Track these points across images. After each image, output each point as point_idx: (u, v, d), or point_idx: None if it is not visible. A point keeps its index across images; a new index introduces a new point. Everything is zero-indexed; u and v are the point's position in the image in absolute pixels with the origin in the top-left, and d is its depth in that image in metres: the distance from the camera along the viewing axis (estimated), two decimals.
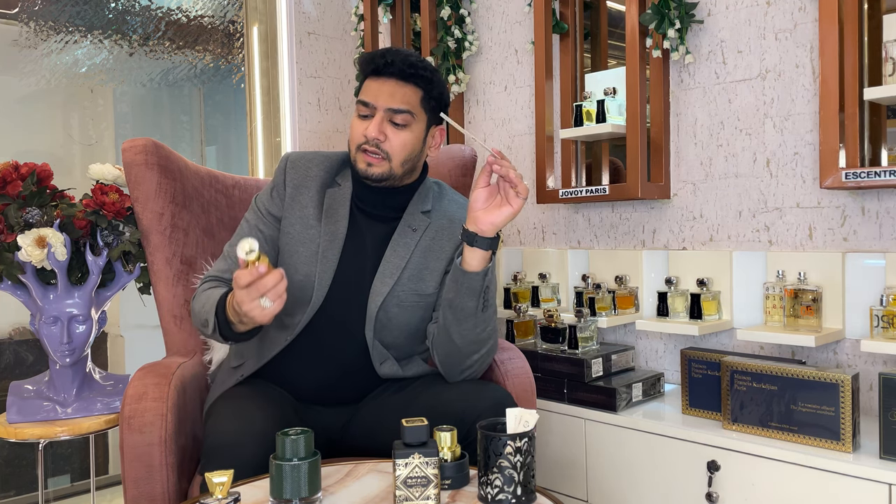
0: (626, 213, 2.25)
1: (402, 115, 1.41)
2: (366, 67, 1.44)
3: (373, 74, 1.43)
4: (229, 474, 1.03)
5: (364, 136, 1.41)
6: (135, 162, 1.69)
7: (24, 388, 1.77)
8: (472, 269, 1.35)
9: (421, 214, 1.50)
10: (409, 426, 1.09)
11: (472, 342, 1.41)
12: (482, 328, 1.40)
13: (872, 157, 1.78)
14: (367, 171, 1.43)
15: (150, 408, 1.37)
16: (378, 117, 1.41)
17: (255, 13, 2.88)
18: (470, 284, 1.35)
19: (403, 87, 1.42)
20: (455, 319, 1.39)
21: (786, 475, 1.55)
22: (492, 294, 1.40)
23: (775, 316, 1.84)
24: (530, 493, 1.10)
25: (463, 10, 2.59)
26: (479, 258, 1.34)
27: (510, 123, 2.54)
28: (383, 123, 1.41)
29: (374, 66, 1.42)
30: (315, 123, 2.91)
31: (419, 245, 1.48)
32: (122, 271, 1.76)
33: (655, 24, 2.00)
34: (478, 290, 1.36)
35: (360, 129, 1.42)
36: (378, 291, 1.44)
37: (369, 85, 1.43)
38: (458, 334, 1.39)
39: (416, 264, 1.47)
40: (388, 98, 1.41)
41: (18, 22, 2.44)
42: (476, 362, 1.44)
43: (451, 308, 1.39)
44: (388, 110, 1.41)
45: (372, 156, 1.42)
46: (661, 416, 1.83)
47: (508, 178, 1.29)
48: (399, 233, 1.48)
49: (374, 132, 1.40)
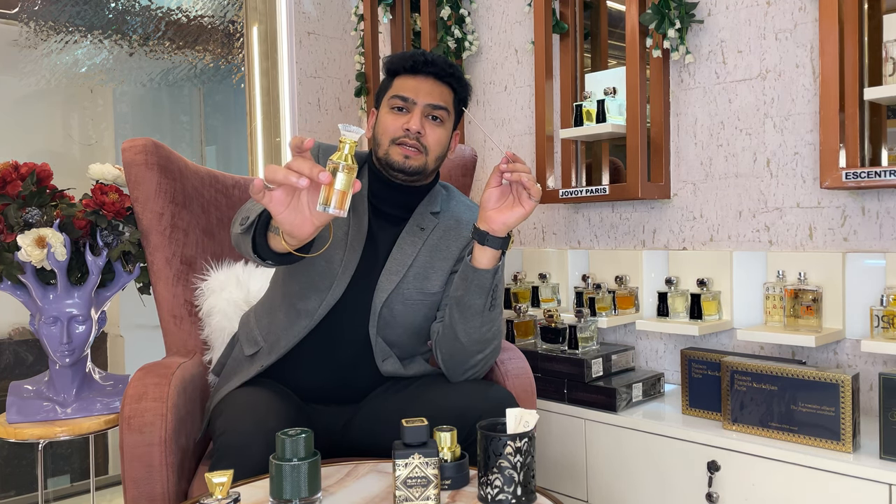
0: (626, 213, 2.25)
1: (441, 111, 1.44)
2: (402, 64, 1.45)
3: (409, 72, 1.45)
4: (229, 474, 1.03)
5: (405, 129, 1.42)
6: (135, 162, 1.69)
7: (24, 388, 1.77)
8: (483, 267, 1.35)
9: (430, 215, 1.52)
10: (409, 426, 1.09)
11: (478, 341, 1.41)
12: (488, 327, 1.40)
13: (872, 157, 1.78)
14: (404, 163, 1.42)
15: (150, 408, 1.37)
16: (417, 112, 1.42)
17: (255, 13, 2.88)
18: (480, 282, 1.36)
19: (441, 86, 1.45)
20: (462, 317, 1.39)
21: (786, 475, 1.55)
22: (499, 293, 1.40)
23: (775, 316, 1.84)
24: (530, 493, 1.10)
25: (463, 10, 2.58)
26: (490, 257, 1.35)
27: (510, 123, 2.54)
28: (423, 118, 1.43)
29: (413, 62, 1.44)
30: (315, 123, 2.91)
31: (426, 244, 1.49)
32: (122, 271, 1.76)
33: (655, 23, 2.00)
34: (487, 288, 1.36)
35: (398, 122, 1.43)
36: (383, 288, 1.45)
37: (405, 81, 1.44)
38: (464, 332, 1.40)
39: (422, 263, 1.48)
40: (428, 94, 1.43)
41: (18, 22, 2.44)
42: (480, 362, 1.44)
43: (459, 306, 1.39)
44: (428, 105, 1.43)
45: (410, 149, 1.42)
46: (662, 417, 1.83)
47: (521, 182, 1.29)
48: (407, 231, 1.49)
49: (416, 125, 1.41)
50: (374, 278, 1.46)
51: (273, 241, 1.20)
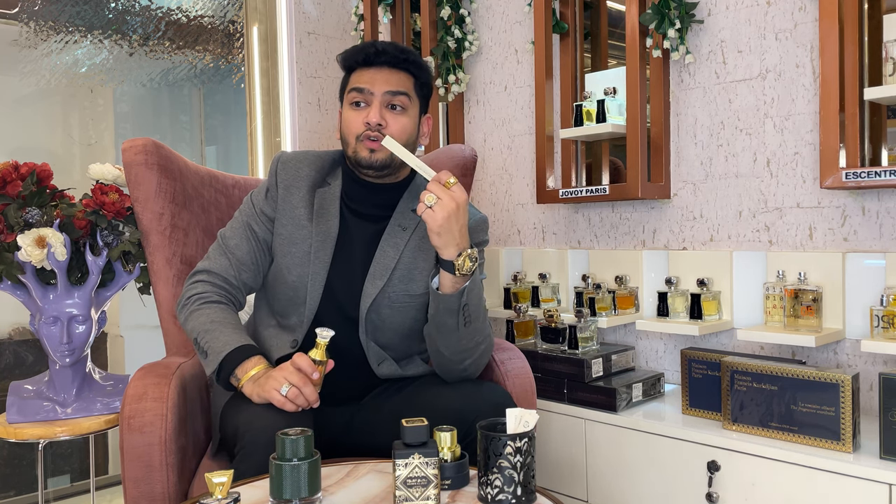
0: (626, 213, 2.25)
1: (401, 98, 1.42)
2: (353, 58, 1.44)
3: (363, 65, 1.43)
4: (229, 474, 1.03)
5: (365, 123, 1.40)
6: (135, 162, 1.69)
7: (24, 388, 1.77)
8: (445, 292, 1.34)
9: (411, 213, 1.49)
10: (409, 426, 1.09)
11: (460, 352, 1.40)
12: (468, 340, 1.39)
13: (872, 157, 1.78)
14: (370, 158, 1.41)
15: (150, 408, 1.37)
16: (376, 103, 1.40)
17: (255, 13, 2.88)
18: (446, 305, 1.34)
19: (397, 73, 1.43)
20: (438, 334, 1.39)
21: (786, 475, 1.55)
22: (473, 310, 1.37)
23: (775, 316, 1.84)
24: (530, 493, 1.09)
25: (463, 10, 2.58)
26: (448, 280, 1.32)
27: (510, 123, 2.54)
28: (382, 109, 1.41)
29: (365, 55, 1.42)
30: (315, 123, 2.91)
31: (409, 245, 1.47)
32: (122, 271, 1.76)
33: (655, 24, 2.00)
34: (455, 310, 1.34)
35: (359, 118, 1.41)
36: (368, 293, 1.43)
37: (361, 75, 1.43)
38: (444, 346, 1.39)
39: (406, 264, 1.46)
40: (385, 83, 1.41)
41: (18, 22, 2.44)
42: (470, 366, 1.43)
43: (434, 323, 1.38)
44: (387, 93, 1.41)
45: (374, 142, 1.40)
46: (662, 417, 1.83)
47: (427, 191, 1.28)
48: (389, 232, 1.47)
49: (375, 117, 1.39)
50: (358, 283, 1.45)
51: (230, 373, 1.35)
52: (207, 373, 1.35)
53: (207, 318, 1.38)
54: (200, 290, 1.44)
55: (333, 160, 1.53)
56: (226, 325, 1.37)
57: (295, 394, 1.26)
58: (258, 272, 1.50)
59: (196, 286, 1.46)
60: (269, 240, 1.49)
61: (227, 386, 1.35)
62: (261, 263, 1.49)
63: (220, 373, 1.33)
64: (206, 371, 1.35)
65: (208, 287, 1.45)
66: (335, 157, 1.54)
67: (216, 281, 1.46)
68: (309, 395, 1.28)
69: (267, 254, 1.50)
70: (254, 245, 1.48)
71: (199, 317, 1.39)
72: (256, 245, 1.48)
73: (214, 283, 1.46)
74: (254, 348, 1.36)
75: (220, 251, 1.49)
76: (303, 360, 1.28)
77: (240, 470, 1.20)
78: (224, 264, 1.47)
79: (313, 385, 1.29)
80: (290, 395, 1.26)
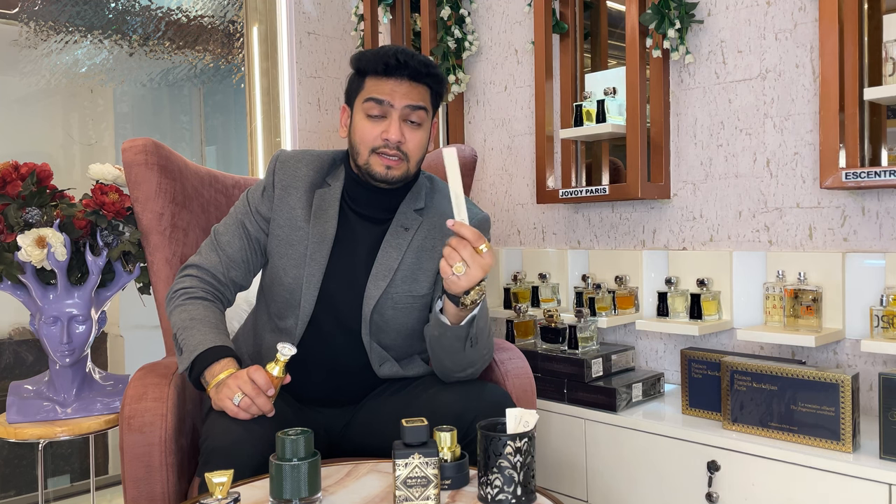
0: (626, 213, 2.25)
1: (419, 113, 1.38)
2: (373, 66, 1.38)
3: (382, 74, 1.37)
4: (229, 474, 1.03)
5: (385, 139, 1.37)
6: (135, 162, 1.69)
7: (24, 388, 1.77)
8: (452, 323, 1.32)
9: (413, 213, 1.47)
10: (409, 426, 1.09)
11: (464, 366, 1.39)
12: (473, 356, 1.38)
13: (872, 157, 1.78)
14: (386, 174, 1.39)
15: (150, 408, 1.37)
16: (395, 118, 1.37)
17: (255, 13, 2.88)
18: (454, 333, 1.33)
19: (417, 86, 1.39)
20: (443, 352, 1.37)
21: (786, 475, 1.55)
22: (479, 333, 1.35)
23: (775, 316, 1.84)
24: (530, 493, 1.10)
25: (463, 10, 2.59)
26: (454, 313, 1.30)
27: (510, 123, 2.54)
28: (401, 124, 1.37)
29: (385, 66, 1.36)
30: (315, 123, 2.91)
31: (412, 245, 1.45)
32: (122, 271, 1.76)
33: (655, 24, 2.00)
34: (462, 338, 1.33)
35: (376, 130, 1.37)
36: (371, 294, 1.42)
37: (380, 84, 1.37)
38: (449, 360, 1.38)
39: (409, 265, 1.45)
40: (405, 97, 1.37)
41: (18, 22, 2.44)
42: (471, 375, 1.43)
43: (438, 344, 1.37)
44: (407, 108, 1.37)
45: (392, 159, 1.38)
46: (661, 417, 1.83)
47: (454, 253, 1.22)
48: (391, 233, 1.45)
49: (396, 135, 1.36)
50: (360, 284, 1.44)
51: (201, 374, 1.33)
52: (180, 370, 1.34)
53: (188, 314, 1.38)
54: (188, 284, 1.44)
55: (333, 160, 1.51)
56: (204, 324, 1.36)
57: (247, 404, 1.25)
58: (248, 270, 1.49)
59: (184, 280, 1.46)
60: (261, 239, 1.48)
61: (197, 385, 1.34)
62: (251, 262, 1.49)
63: (192, 372, 1.32)
64: (179, 368, 1.34)
65: (196, 282, 1.44)
66: (335, 157, 1.51)
67: (204, 276, 1.46)
68: (262, 406, 1.26)
69: (259, 253, 1.49)
70: (245, 243, 1.47)
71: (180, 312, 1.39)
72: (248, 243, 1.47)
73: (202, 279, 1.45)
74: (227, 350, 1.33)
75: (211, 247, 1.48)
76: (258, 374, 1.26)
77: (201, 476, 1.21)
78: (214, 260, 1.46)
79: (266, 396, 1.27)
80: (242, 404, 1.25)
